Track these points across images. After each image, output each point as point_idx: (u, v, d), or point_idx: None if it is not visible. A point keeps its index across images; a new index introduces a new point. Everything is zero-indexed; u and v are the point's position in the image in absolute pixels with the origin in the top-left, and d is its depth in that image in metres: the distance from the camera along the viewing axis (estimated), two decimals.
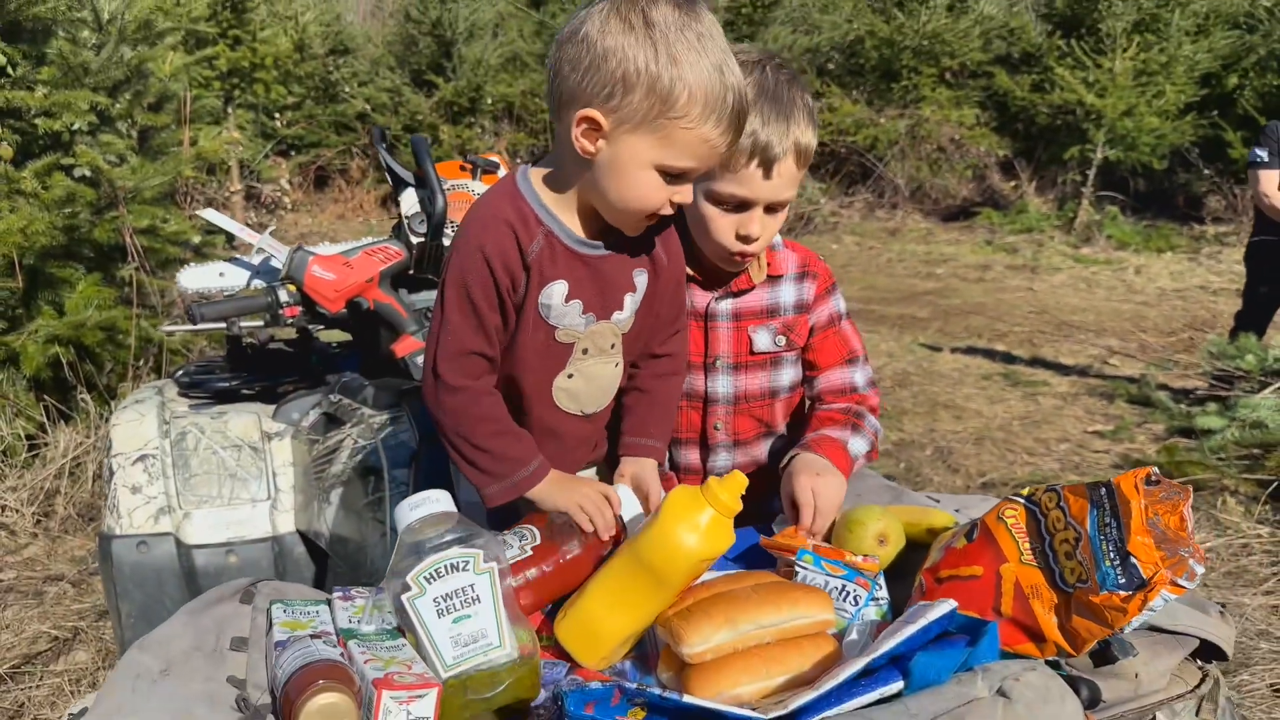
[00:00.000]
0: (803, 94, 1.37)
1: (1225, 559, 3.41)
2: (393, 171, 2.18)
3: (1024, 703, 0.86)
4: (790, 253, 1.55)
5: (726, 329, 1.51)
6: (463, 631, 0.97)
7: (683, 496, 1.08)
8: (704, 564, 1.08)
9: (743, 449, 1.58)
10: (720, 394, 1.53)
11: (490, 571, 1.01)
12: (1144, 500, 0.97)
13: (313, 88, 10.54)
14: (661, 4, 1.13)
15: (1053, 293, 7.75)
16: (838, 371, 1.56)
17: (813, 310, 1.54)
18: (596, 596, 1.11)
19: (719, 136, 1.15)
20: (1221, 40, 10.38)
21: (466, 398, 1.26)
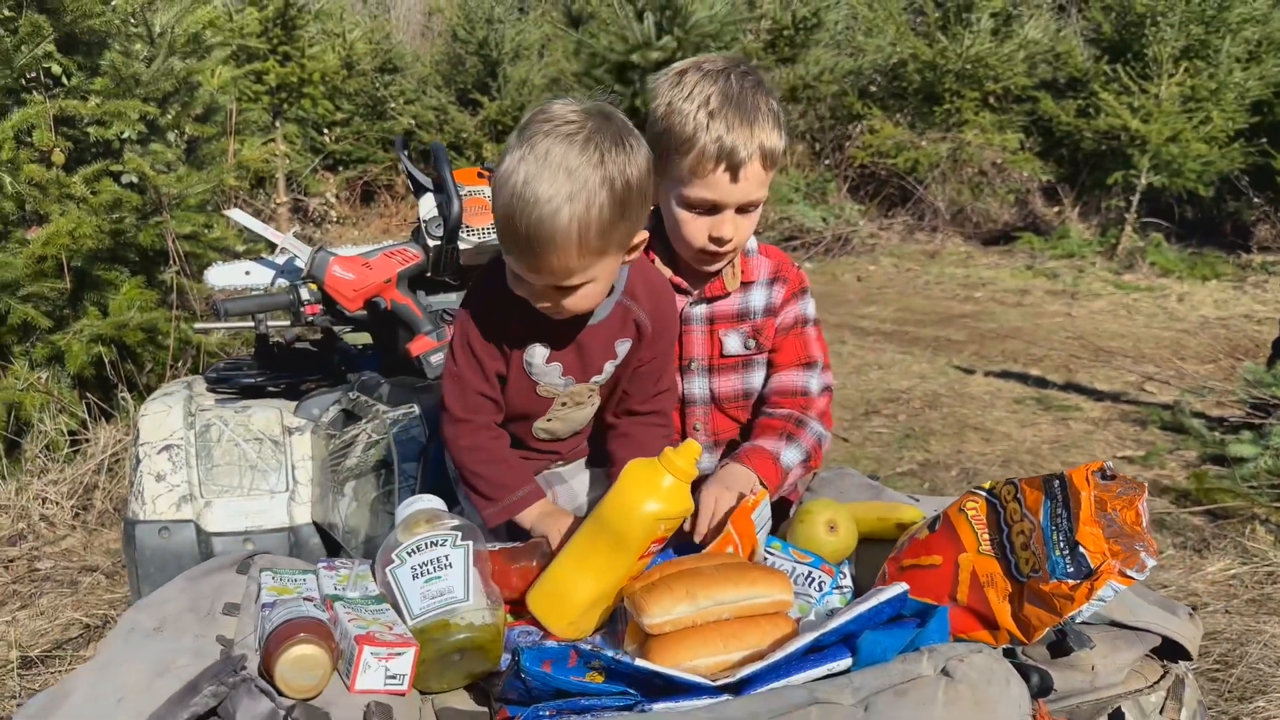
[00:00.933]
0: (767, 99, 1.41)
1: (1250, 586, 3.36)
2: (413, 177, 2.26)
3: (967, 683, 0.88)
4: (764, 259, 1.58)
5: (700, 332, 1.56)
6: (431, 588, 1.04)
7: (640, 464, 1.14)
8: (660, 524, 1.12)
9: (722, 449, 1.62)
10: (697, 395, 1.58)
11: (465, 547, 1.07)
12: (1095, 492, 0.99)
13: (361, 104, 10.76)
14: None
15: (1091, 319, 7.66)
16: (791, 374, 1.58)
17: (779, 313, 1.57)
18: (562, 563, 1.17)
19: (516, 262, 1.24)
20: (1274, 67, 10.22)
21: (468, 429, 1.40)
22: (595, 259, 1.20)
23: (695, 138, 1.37)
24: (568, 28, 10.59)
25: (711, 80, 1.39)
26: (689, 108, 1.38)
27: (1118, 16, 10.57)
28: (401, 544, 1.08)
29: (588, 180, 1.15)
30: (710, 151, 1.36)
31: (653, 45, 8.53)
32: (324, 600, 1.04)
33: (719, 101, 1.36)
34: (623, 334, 1.40)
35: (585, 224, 1.15)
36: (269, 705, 0.84)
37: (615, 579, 1.14)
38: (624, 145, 1.19)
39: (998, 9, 10.84)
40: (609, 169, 1.16)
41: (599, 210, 1.16)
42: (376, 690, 0.94)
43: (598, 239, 1.17)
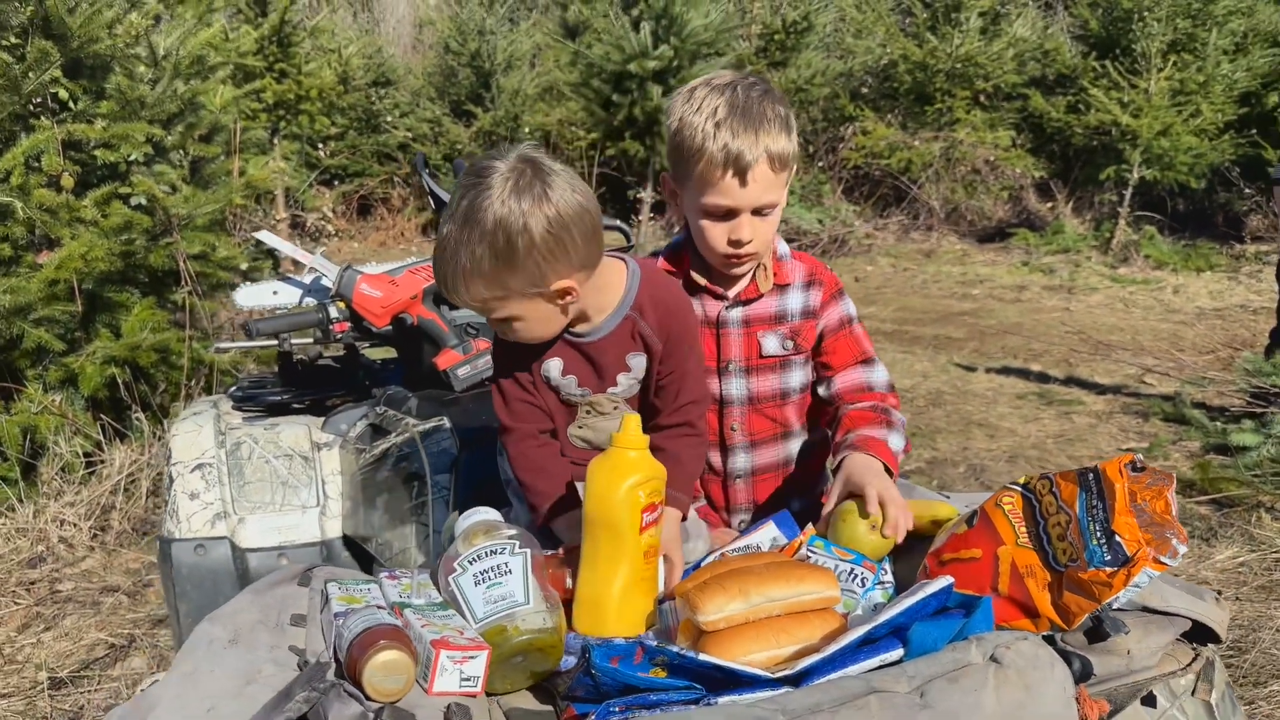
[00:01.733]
0: (774, 105, 1.47)
1: (1259, 573, 3.41)
2: (435, 195, 2.30)
3: (1015, 668, 0.93)
4: (798, 263, 1.64)
5: (737, 334, 1.61)
6: (493, 593, 1.10)
7: (596, 459, 1.25)
8: (638, 493, 1.20)
9: (759, 450, 1.67)
10: (734, 396, 1.63)
11: (524, 555, 1.13)
12: (1128, 484, 1.04)
13: (355, 119, 10.83)
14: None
15: (1089, 313, 7.73)
16: (853, 371, 1.64)
17: (820, 315, 1.63)
18: (582, 575, 1.24)
19: None
20: (1260, 59, 10.32)
21: (513, 438, 1.50)
22: (498, 301, 1.32)
23: (704, 147, 1.45)
24: (564, 38, 10.66)
25: (719, 93, 1.47)
26: (698, 120, 1.46)
27: (1104, 13, 10.67)
28: (463, 554, 1.14)
29: (473, 233, 1.27)
30: (718, 159, 1.44)
31: (650, 54, 8.60)
32: (393, 608, 1.08)
33: (725, 111, 1.44)
34: (632, 348, 1.47)
35: (468, 273, 1.29)
36: (359, 709, 0.89)
37: (631, 564, 1.21)
38: (522, 203, 1.27)
39: (986, 8, 10.94)
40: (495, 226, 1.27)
41: (479, 261, 1.28)
42: (453, 692, 0.98)
43: (486, 287, 1.30)
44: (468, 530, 1.20)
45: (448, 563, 1.15)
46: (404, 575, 1.21)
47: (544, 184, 1.28)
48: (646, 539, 1.22)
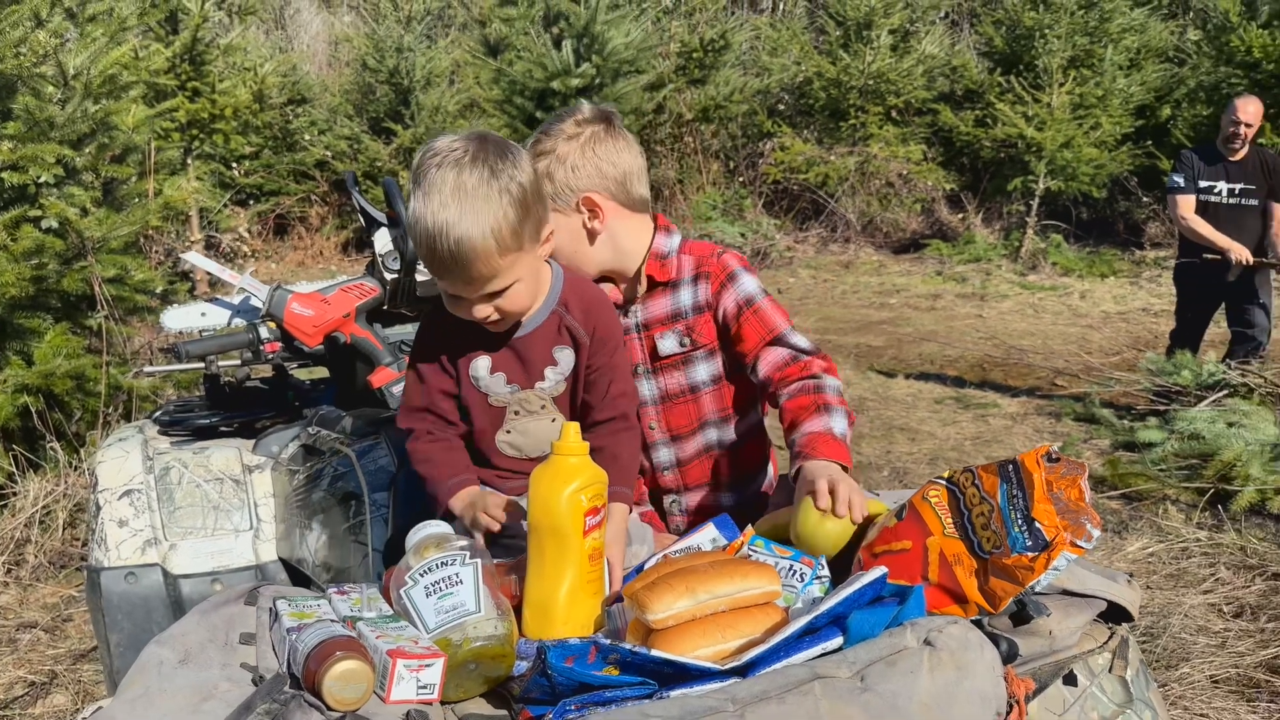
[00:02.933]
0: (492, 181, 1.33)
1: (1167, 562, 3.59)
2: (366, 212, 2.30)
3: (947, 650, 0.99)
4: (686, 257, 1.67)
5: (638, 339, 1.69)
6: (445, 604, 1.12)
7: (537, 468, 1.28)
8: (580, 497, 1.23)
9: (680, 443, 1.74)
10: (646, 397, 1.71)
11: (474, 565, 1.15)
12: (1045, 474, 1.12)
13: (270, 137, 10.64)
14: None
15: (1001, 319, 8.01)
16: (770, 351, 1.62)
17: (716, 306, 1.65)
18: (530, 582, 1.27)
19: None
20: (1153, 73, 10.87)
21: (411, 439, 1.56)
22: (514, 258, 1.35)
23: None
24: (485, 56, 10.65)
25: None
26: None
27: (1008, 30, 11.12)
28: (413, 566, 1.15)
29: (487, 194, 1.31)
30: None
31: (572, 72, 8.66)
32: (345, 622, 1.09)
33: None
34: (559, 341, 1.51)
35: (498, 230, 1.31)
36: (319, 718, 0.90)
37: (576, 568, 1.24)
38: (506, 156, 1.36)
39: (896, 26, 11.29)
40: (501, 178, 1.32)
41: (504, 215, 1.32)
42: (410, 700, 1.00)
43: (511, 239, 1.33)
44: (418, 544, 1.22)
45: (399, 575, 1.16)
46: (353, 590, 1.22)
47: (508, 145, 1.38)
48: (591, 542, 1.25)
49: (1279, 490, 3.90)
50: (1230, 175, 5.07)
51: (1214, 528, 3.83)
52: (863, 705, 0.94)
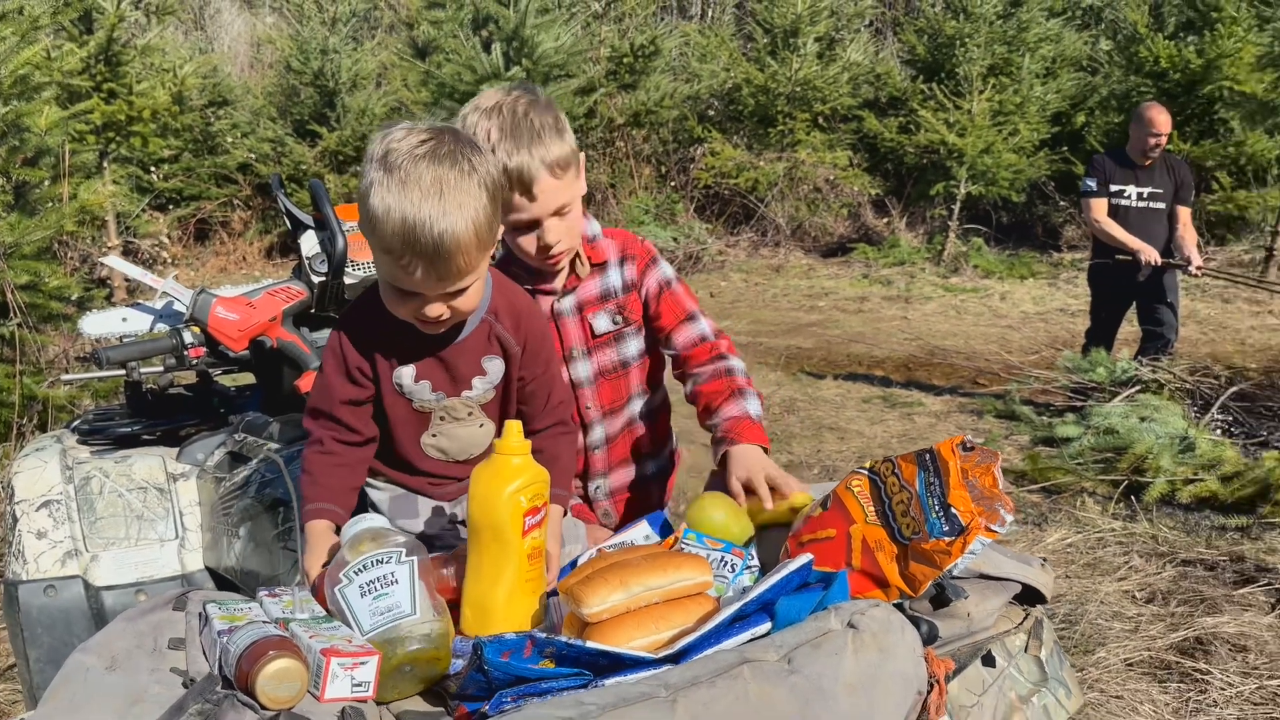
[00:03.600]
0: (543, 114, 1.55)
1: (1084, 552, 3.73)
2: (292, 215, 2.28)
3: (870, 632, 1.03)
4: (610, 241, 1.77)
5: (572, 322, 1.73)
6: (380, 605, 1.11)
7: (478, 467, 1.27)
8: (520, 498, 1.23)
9: (610, 419, 1.80)
10: (582, 378, 1.76)
11: (410, 563, 1.15)
12: (960, 462, 1.17)
13: (191, 140, 10.39)
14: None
15: (925, 320, 8.21)
16: (685, 329, 1.78)
17: (641, 285, 1.77)
18: (469, 581, 1.27)
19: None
20: (1068, 82, 11.26)
21: (307, 444, 1.52)
22: (484, 254, 1.36)
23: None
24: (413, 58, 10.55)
25: (488, 116, 1.55)
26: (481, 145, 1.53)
27: (930, 38, 11.41)
28: (349, 563, 1.15)
29: (468, 187, 1.30)
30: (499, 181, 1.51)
31: (502, 75, 8.63)
32: (277, 623, 1.09)
33: (497, 135, 1.53)
34: (489, 351, 1.51)
35: (479, 224, 1.31)
36: (254, 717, 0.90)
37: (515, 567, 1.25)
38: (476, 150, 1.36)
39: (821, 34, 11.50)
40: (479, 172, 1.33)
41: (484, 209, 1.32)
42: (345, 698, 1.00)
43: (488, 233, 1.34)
44: (353, 539, 1.21)
45: (333, 573, 1.16)
46: (284, 592, 1.21)
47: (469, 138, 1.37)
48: (530, 542, 1.25)
49: (1188, 481, 4.08)
50: (1140, 180, 5.27)
51: (1128, 518, 3.99)
52: (790, 687, 0.97)
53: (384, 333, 1.45)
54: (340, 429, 1.50)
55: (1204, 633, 3.03)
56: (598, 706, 0.92)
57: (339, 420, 1.49)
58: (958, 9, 11.02)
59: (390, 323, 1.43)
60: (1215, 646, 2.95)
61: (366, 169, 1.31)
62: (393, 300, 1.38)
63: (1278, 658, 2.88)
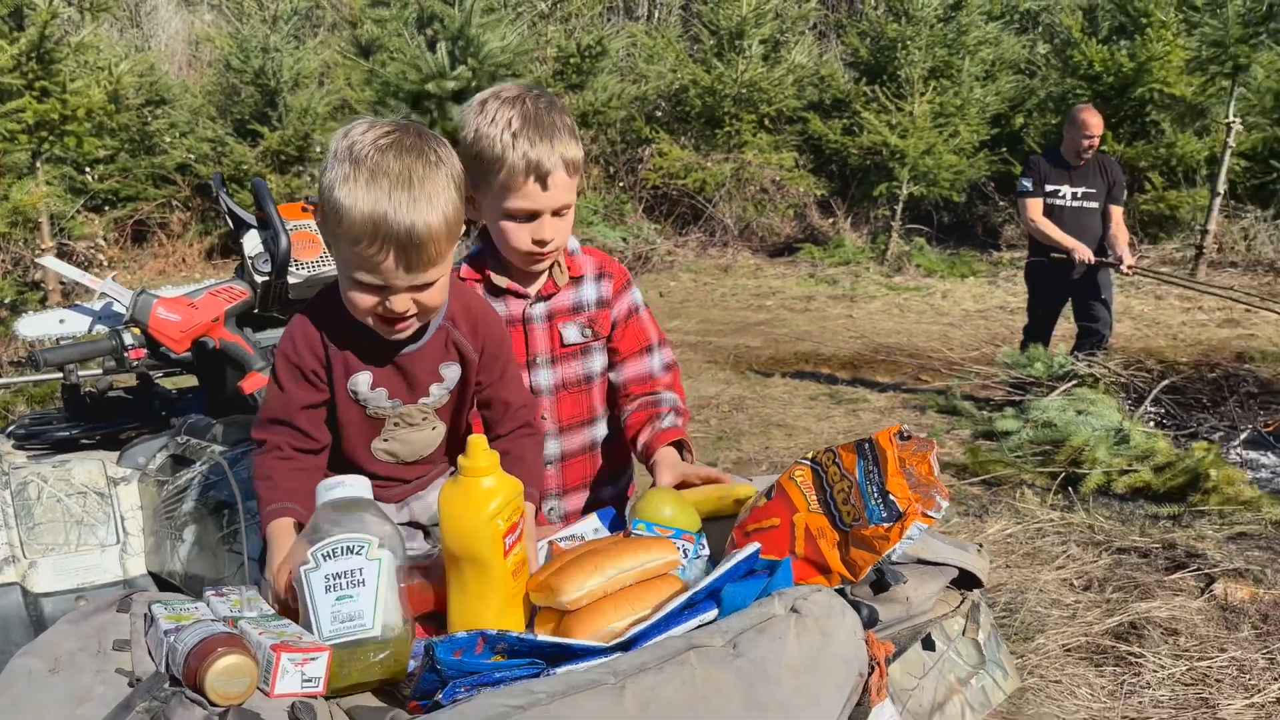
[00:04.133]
0: (562, 116, 1.60)
1: (1023, 542, 3.83)
2: (234, 215, 2.25)
3: (812, 617, 1.06)
4: (588, 257, 1.78)
5: (541, 328, 1.73)
6: (342, 609, 1.10)
7: (446, 487, 1.21)
8: (496, 521, 1.18)
9: (567, 435, 1.78)
10: (543, 386, 1.74)
11: (380, 559, 1.13)
12: (897, 450, 1.20)
13: (128, 140, 10.17)
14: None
15: (870, 319, 8.34)
16: (637, 361, 1.78)
17: (613, 304, 1.77)
18: (454, 607, 1.23)
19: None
20: (1007, 84, 11.52)
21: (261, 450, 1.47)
22: (452, 244, 1.37)
23: (504, 156, 1.56)
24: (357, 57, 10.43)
25: (510, 105, 1.58)
26: (494, 131, 1.56)
27: (872, 41, 11.59)
28: (318, 542, 1.11)
29: (436, 177, 1.31)
30: (519, 166, 1.55)
31: (448, 75, 8.58)
32: (225, 621, 1.08)
33: (520, 122, 1.55)
34: (446, 358, 1.50)
35: (448, 214, 1.32)
36: (202, 713, 0.90)
37: (501, 589, 1.20)
38: (442, 144, 1.38)
39: (767, 36, 11.62)
40: (446, 165, 1.34)
41: (452, 200, 1.33)
42: (295, 694, 1.00)
43: (457, 225, 1.35)
44: (331, 503, 1.16)
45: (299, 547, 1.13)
46: (231, 592, 1.21)
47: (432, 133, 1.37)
48: (513, 560, 1.21)
49: (1123, 472, 4.20)
50: (1074, 180, 5.42)
51: (1065, 508, 4.10)
52: (735, 671, 0.99)
53: (339, 338, 1.43)
54: (298, 436, 1.46)
55: (1138, 617, 3.13)
56: (547, 694, 0.94)
57: (297, 427, 1.45)
58: (899, 12, 11.20)
59: (346, 327, 1.42)
60: (1148, 630, 3.05)
61: (330, 165, 1.31)
62: (356, 296, 1.36)
63: (1207, 640, 2.99)
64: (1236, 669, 2.82)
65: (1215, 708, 2.65)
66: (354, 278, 1.34)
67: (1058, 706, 2.75)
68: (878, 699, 1.12)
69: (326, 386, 1.45)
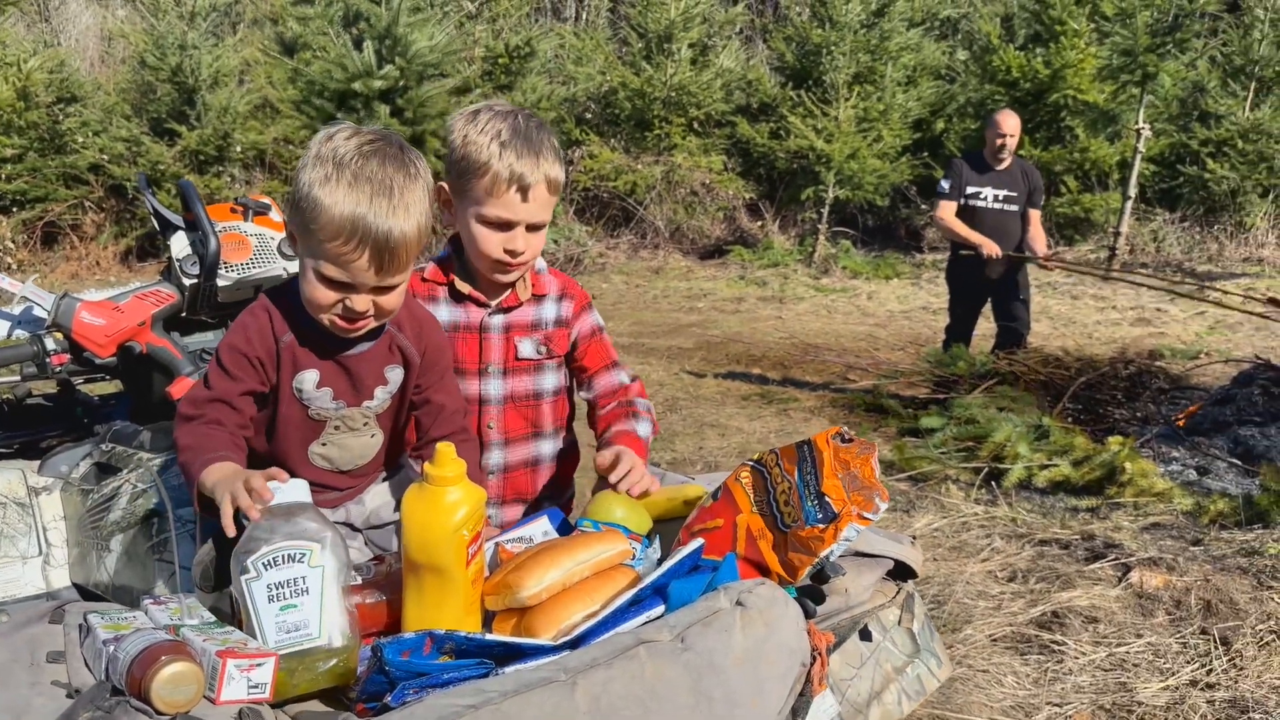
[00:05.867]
0: (549, 137, 1.65)
1: (950, 535, 3.93)
2: (161, 216, 2.20)
3: (756, 609, 1.09)
4: (553, 278, 1.81)
5: (498, 339, 1.74)
6: (287, 619, 1.08)
7: (411, 494, 1.21)
8: (461, 531, 1.18)
9: (512, 447, 1.80)
10: (492, 396, 1.75)
11: (323, 567, 1.12)
12: (835, 452, 1.24)
13: (37, 138, 9.81)
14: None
15: (798, 319, 8.47)
16: (605, 375, 1.84)
17: (573, 325, 1.80)
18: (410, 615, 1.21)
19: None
20: (928, 89, 11.81)
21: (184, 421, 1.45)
22: (419, 252, 1.41)
23: (489, 164, 1.59)
24: (280, 55, 10.22)
25: (502, 118, 1.62)
26: (483, 139, 1.60)
27: (798, 46, 11.77)
28: (257, 551, 1.09)
29: (413, 186, 1.37)
30: (504, 176, 1.58)
31: (375, 74, 8.46)
32: (166, 629, 1.07)
33: (509, 135, 1.60)
34: (390, 360, 1.53)
35: (421, 224, 1.38)
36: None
37: (459, 597, 1.20)
38: (418, 155, 1.43)
39: (695, 39, 11.71)
40: (424, 177, 1.40)
41: (426, 212, 1.39)
42: (241, 700, 0.99)
43: (426, 235, 1.40)
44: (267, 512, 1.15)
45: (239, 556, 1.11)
46: (170, 600, 1.18)
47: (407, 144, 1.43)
48: (473, 569, 1.21)
49: (1043, 466, 4.35)
50: (996, 182, 5.59)
51: (989, 503, 4.22)
52: (684, 664, 1.01)
53: (290, 333, 1.45)
54: (235, 414, 1.45)
55: (1059, 607, 3.24)
56: (499, 693, 0.94)
57: (236, 409, 1.45)
58: (823, 18, 11.40)
59: (298, 324, 1.45)
60: (1070, 619, 3.16)
61: (310, 164, 1.35)
62: (319, 291, 1.38)
63: (1125, 626, 3.12)
64: (1152, 654, 2.95)
65: (1133, 691, 2.76)
66: (321, 272, 1.37)
67: (985, 695, 2.84)
68: (819, 688, 1.16)
69: (270, 380, 1.47)
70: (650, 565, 1.28)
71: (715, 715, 0.99)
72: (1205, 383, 5.68)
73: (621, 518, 1.39)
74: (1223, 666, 2.83)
